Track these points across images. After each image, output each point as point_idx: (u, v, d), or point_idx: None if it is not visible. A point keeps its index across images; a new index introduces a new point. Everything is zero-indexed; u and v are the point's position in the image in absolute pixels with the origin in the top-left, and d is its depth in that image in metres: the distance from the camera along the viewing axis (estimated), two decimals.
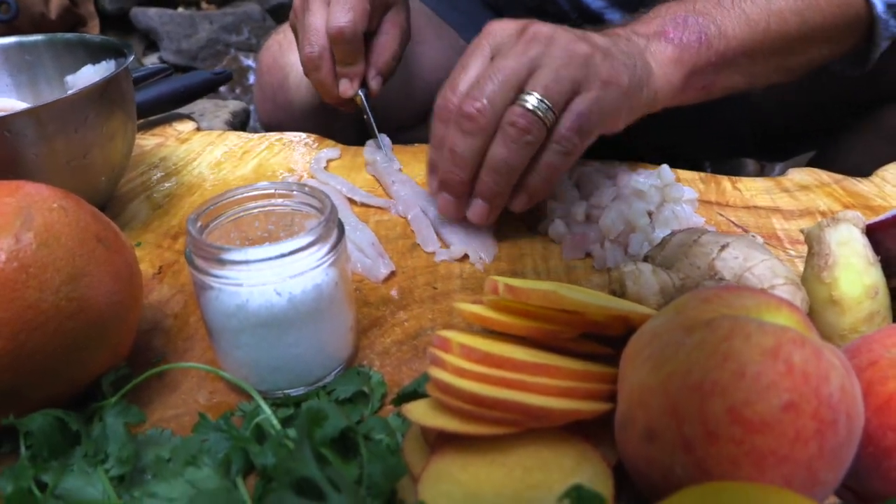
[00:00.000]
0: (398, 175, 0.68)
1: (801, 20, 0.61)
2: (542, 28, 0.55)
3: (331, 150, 0.76)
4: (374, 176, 0.71)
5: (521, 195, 0.56)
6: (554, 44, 0.54)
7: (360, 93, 0.71)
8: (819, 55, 0.64)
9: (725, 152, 1.04)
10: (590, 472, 0.32)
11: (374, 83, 0.71)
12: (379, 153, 0.72)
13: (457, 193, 0.56)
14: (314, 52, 0.68)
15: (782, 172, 0.70)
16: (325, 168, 0.73)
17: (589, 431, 0.35)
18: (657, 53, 0.58)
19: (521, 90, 0.53)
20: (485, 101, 0.52)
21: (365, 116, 0.72)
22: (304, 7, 0.69)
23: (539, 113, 0.52)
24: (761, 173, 1.27)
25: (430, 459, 0.33)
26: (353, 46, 0.68)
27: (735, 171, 1.18)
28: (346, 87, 0.70)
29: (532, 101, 0.52)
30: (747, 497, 0.25)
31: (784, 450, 0.28)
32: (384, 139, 0.74)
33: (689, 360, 0.30)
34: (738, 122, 0.91)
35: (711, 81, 0.62)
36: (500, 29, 0.57)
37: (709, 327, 0.30)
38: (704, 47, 0.59)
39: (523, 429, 0.33)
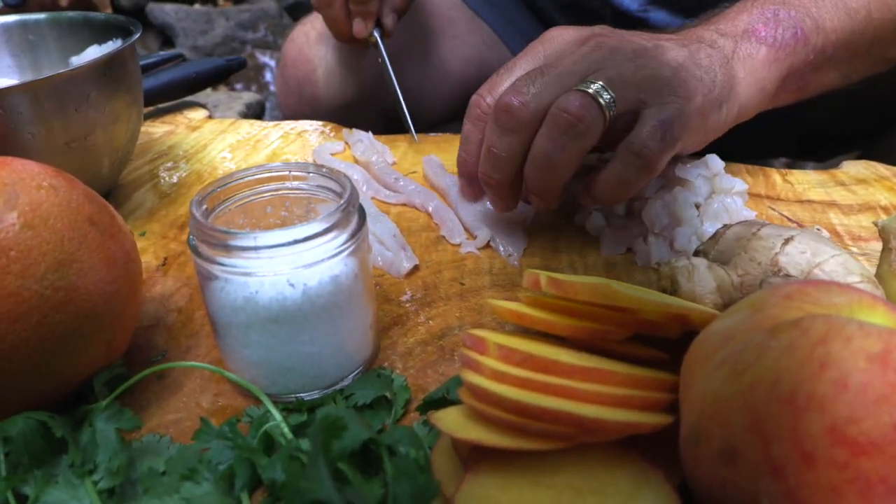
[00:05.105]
0: (398, 174, 0.62)
1: None
2: (608, 38, 0.48)
3: (334, 143, 0.70)
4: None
5: (586, 197, 0.49)
6: (619, 52, 0.47)
7: (375, 33, 0.69)
8: None
9: (762, 154, 0.98)
10: (651, 495, 0.28)
11: (389, 20, 0.69)
12: (374, 152, 0.65)
13: (501, 194, 0.50)
14: None
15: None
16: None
17: (645, 447, 0.30)
18: (748, 57, 0.51)
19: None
20: (529, 96, 0.45)
21: (379, 59, 0.70)
22: None
23: (600, 100, 0.44)
24: None
25: (463, 478, 0.29)
26: None
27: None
28: (360, 28, 0.68)
29: (594, 86, 0.44)
30: None
31: None
32: (368, 135, 0.69)
33: (777, 367, 0.25)
34: (781, 124, 0.85)
35: (807, 82, 0.55)
36: (560, 36, 0.50)
37: (798, 328, 0.26)
38: (801, 44, 0.52)
39: (572, 444, 0.29)
